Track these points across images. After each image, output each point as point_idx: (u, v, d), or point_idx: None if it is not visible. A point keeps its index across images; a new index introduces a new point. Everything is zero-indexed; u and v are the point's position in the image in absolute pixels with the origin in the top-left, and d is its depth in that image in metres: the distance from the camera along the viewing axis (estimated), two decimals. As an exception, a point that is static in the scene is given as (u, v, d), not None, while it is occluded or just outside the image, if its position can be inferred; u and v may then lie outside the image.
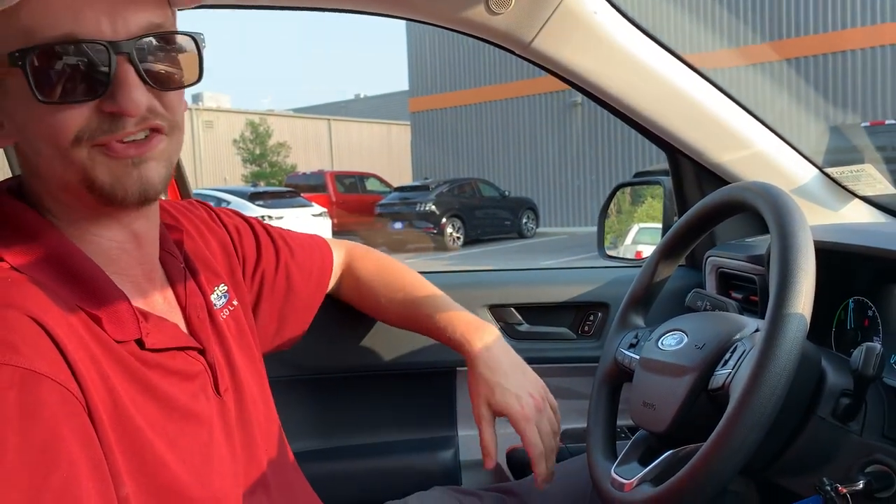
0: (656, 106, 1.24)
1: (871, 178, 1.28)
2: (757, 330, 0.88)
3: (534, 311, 1.39)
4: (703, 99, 1.24)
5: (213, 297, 0.89)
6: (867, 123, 12.22)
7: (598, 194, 17.19)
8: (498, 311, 1.38)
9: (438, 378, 1.36)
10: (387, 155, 31.71)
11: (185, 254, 0.88)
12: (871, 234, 1.08)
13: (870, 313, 1.09)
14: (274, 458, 0.90)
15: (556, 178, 19.39)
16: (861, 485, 0.82)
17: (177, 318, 0.82)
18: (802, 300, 0.76)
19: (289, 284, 1.07)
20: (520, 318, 1.38)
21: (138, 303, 0.76)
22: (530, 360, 1.39)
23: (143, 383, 0.72)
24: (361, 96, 40.62)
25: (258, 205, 13.81)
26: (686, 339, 0.92)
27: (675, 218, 1.43)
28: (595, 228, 1.74)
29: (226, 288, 0.92)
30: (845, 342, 1.12)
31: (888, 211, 1.30)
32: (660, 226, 1.60)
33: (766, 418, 0.73)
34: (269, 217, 12.36)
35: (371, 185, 19.16)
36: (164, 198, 0.90)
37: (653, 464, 0.86)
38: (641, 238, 1.72)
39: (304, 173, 19.72)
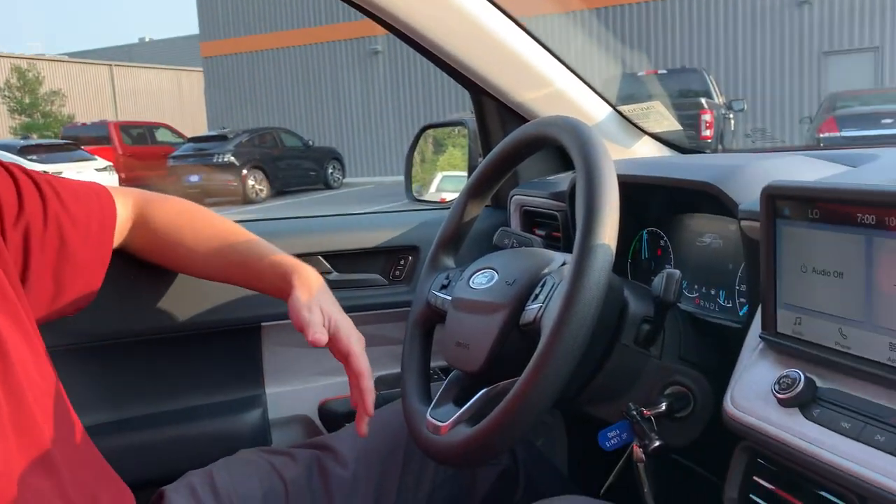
0: (461, 44, 1.22)
1: (658, 115, 1.34)
2: (564, 263, 0.88)
3: (342, 259, 1.33)
4: (506, 38, 1.23)
5: None
6: (643, 73, 13.28)
7: (402, 143, 17.30)
8: (305, 261, 1.30)
9: (241, 336, 1.26)
10: (178, 103, 29.71)
11: None
12: (661, 166, 1.13)
13: (662, 243, 1.15)
14: (58, 434, 0.78)
15: (361, 128, 19.25)
16: (663, 406, 0.86)
17: None
18: (608, 231, 0.76)
19: (62, 240, 0.92)
20: (328, 266, 1.32)
21: None
22: (343, 309, 1.34)
23: None
24: (147, 40, 37.58)
25: (31, 159, 12.43)
26: (496, 277, 0.91)
27: (480, 158, 1.42)
28: (402, 177, 1.71)
29: None
30: (641, 272, 1.18)
31: (674, 146, 1.38)
32: (463, 174, 1.60)
33: (577, 349, 0.73)
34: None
35: (162, 135, 17.90)
36: None
37: (468, 404, 0.85)
38: (445, 186, 1.71)
39: (85, 124, 17.99)
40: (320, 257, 1.30)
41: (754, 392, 0.73)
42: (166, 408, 1.21)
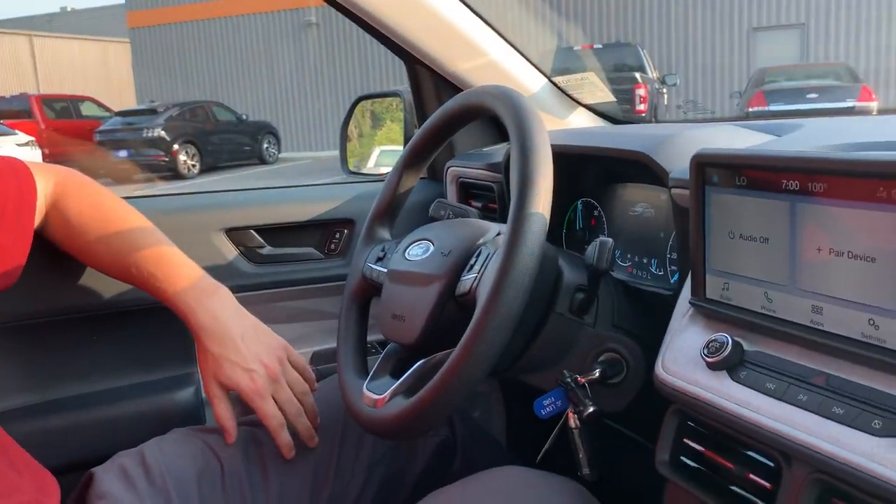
0: (396, 12, 1.20)
1: (592, 86, 1.35)
2: (499, 233, 0.88)
3: (276, 233, 1.30)
4: (441, 7, 1.22)
5: None
6: (578, 47, 13.39)
7: (339, 117, 16.95)
8: (236, 235, 1.27)
9: (172, 312, 1.23)
10: (104, 76, 28.55)
11: None
12: (595, 136, 1.14)
13: (596, 213, 1.16)
14: None
15: (296, 102, 18.90)
16: (597, 373, 0.87)
17: None
18: (542, 200, 0.76)
19: None
20: (261, 240, 1.29)
21: None
22: (276, 285, 1.32)
23: None
24: (69, 9, 35.92)
25: (-57, 135, 11.81)
26: (432, 248, 0.90)
27: (416, 129, 1.41)
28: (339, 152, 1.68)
29: None
30: (576, 242, 1.19)
31: (608, 118, 1.40)
32: (400, 148, 1.58)
33: (512, 319, 0.73)
34: (-39, 149, 10.59)
35: (87, 109, 17.20)
36: None
37: (404, 376, 0.85)
38: (383, 160, 1.69)
39: (3, 97, 17.14)
40: (252, 231, 1.28)
41: (684, 356, 0.74)
42: (95, 388, 1.17)
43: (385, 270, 0.95)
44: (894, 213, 0.56)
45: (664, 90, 12.73)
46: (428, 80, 1.34)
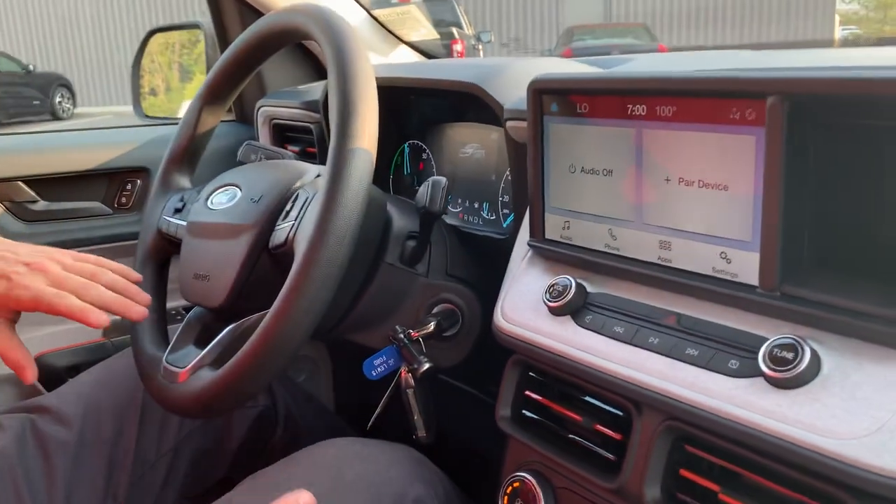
0: None
1: (415, 22, 1.26)
2: (319, 175, 0.77)
3: (52, 185, 1.10)
4: None
5: None
6: (396, 1, 13.24)
7: (142, 69, 15.78)
8: (1, 188, 1.06)
9: None
10: None
11: None
12: (421, 69, 1.04)
13: (424, 156, 1.07)
14: None
15: (94, 52, 17.24)
16: (431, 326, 0.79)
17: None
18: (367, 131, 0.66)
19: None
20: (33, 194, 1.08)
21: None
22: (56, 245, 1.12)
23: None
24: None
25: None
26: (240, 194, 0.77)
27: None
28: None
29: None
30: (404, 188, 1.10)
31: (432, 57, 1.31)
32: None
33: (336, 271, 0.63)
34: None
35: None
36: None
37: (211, 344, 0.72)
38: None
39: None
40: (20, 183, 1.07)
41: (524, 303, 0.68)
42: None
43: (184, 223, 0.81)
44: (749, 136, 0.51)
45: (480, 47, 12.92)
46: (231, 7, 1.18)
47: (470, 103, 0.86)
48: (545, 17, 16.68)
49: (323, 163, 0.77)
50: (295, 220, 0.70)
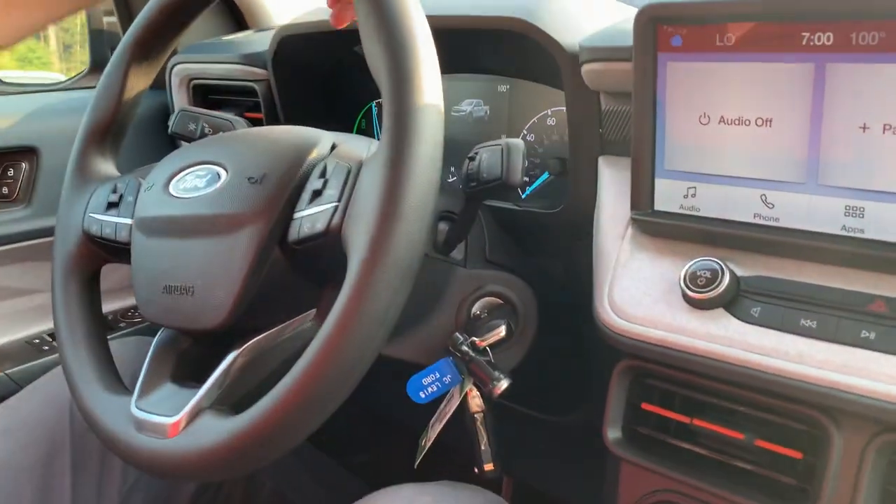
0: None
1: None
2: (334, 146, 0.58)
3: None
4: None
5: None
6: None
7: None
8: None
9: None
10: None
11: None
12: (452, 5, 0.84)
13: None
14: None
15: None
16: (503, 331, 0.62)
17: None
18: (431, 78, 0.48)
19: None
20: None
21: None
22: None
23: None
24: None
25: None
26: (226, 174, 0.56)
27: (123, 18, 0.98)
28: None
29: None
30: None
31: None
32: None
33: (416, 261, 0.46)
34: None
35: None
36: None
37: (211, 379, 0.52)
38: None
39: None
40: None
41: (648, 294, 0.53)
42: None
43: (128, 221, 0.59)
44: None
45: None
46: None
47: (475, 47, 0.68)
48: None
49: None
50: (337, 200, 0.51)
